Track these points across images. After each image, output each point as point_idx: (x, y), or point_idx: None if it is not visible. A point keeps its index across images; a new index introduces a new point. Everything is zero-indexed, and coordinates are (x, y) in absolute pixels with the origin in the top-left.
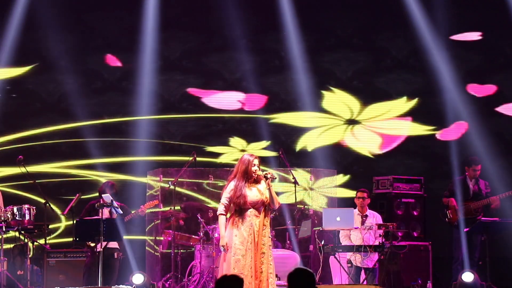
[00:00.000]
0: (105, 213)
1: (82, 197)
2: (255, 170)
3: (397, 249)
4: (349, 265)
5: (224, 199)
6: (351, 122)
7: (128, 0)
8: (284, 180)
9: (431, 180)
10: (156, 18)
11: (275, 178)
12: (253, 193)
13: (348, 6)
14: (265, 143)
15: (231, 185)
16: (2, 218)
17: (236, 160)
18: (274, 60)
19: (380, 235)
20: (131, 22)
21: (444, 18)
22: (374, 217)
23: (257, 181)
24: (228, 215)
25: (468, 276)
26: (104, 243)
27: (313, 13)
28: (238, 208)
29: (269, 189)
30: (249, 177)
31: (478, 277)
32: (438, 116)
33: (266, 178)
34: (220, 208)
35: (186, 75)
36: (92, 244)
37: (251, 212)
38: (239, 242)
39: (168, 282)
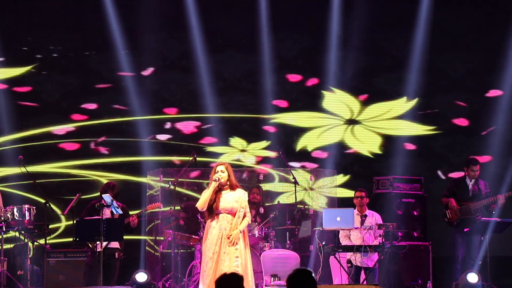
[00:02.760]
0: (107, 213)
1: (82, 197)
2: (217, 177)
3: (397, 249)
4: (349, 265)
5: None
6: (351, 122)
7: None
8: (284, 180)
9: (431, 180)
10: None
11: (215, 180)
12: (227, 199)
13: (349, 6)
14: (265, 143)
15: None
16: (2, 218)
17: (235, 160)
18: (275, 60)
19: (380, 235)
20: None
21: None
22: (374, 217)
23: (232, 187)
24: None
25: (473, 277)
26: (105, 243)
27: (314, 14)
28: (212, 213)
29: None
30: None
31: (481, 278)
32: (438, 116)
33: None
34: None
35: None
36: (91, 245)
37: (223, 217)
38: (210, 246)
39: (168, 282)
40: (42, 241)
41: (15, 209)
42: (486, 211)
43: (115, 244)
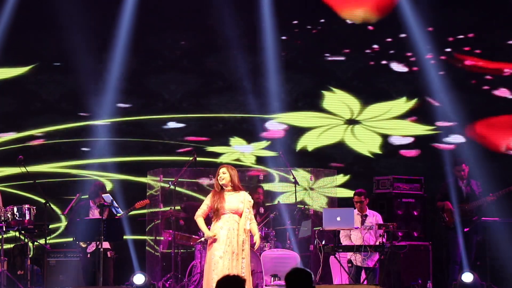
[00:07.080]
0: (96, 213)
1: (82, 197)
2: (221, 179)
3: (397, 249)
4: (350, 265)
5: (203, 205)
6: (351, 122)
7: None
8: (284, 180)
9: (431, 180)
10: None
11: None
12: (231, 200)
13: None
14: (265, 143)
15: (211, 194)
16: (2, 218)
17: (235, 160)
18: (275, 60)
19: (380, 235)
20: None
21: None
22: (374, 216)
23: (234, 189)
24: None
25: (467, 277)
26: (97, 244)
27: (313, 13)
28: (218, 214)
29: None
30: (218, 186)
31: (478, 277)
32: (438, 116)
33: None
34: (198, 213)
35: (186, 74)
36: (84, 245)
37: (230, 217)
38: (218, 245)
39: (169, 282)
40: (42, 241)
41: (15, 209)
42: (479, 212)
43: (105, 245)
